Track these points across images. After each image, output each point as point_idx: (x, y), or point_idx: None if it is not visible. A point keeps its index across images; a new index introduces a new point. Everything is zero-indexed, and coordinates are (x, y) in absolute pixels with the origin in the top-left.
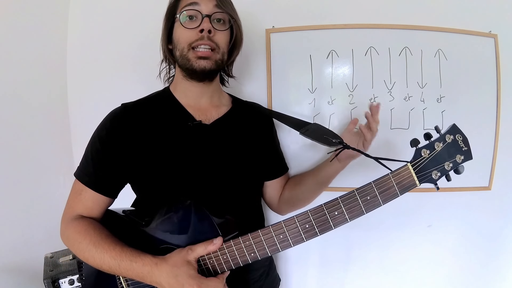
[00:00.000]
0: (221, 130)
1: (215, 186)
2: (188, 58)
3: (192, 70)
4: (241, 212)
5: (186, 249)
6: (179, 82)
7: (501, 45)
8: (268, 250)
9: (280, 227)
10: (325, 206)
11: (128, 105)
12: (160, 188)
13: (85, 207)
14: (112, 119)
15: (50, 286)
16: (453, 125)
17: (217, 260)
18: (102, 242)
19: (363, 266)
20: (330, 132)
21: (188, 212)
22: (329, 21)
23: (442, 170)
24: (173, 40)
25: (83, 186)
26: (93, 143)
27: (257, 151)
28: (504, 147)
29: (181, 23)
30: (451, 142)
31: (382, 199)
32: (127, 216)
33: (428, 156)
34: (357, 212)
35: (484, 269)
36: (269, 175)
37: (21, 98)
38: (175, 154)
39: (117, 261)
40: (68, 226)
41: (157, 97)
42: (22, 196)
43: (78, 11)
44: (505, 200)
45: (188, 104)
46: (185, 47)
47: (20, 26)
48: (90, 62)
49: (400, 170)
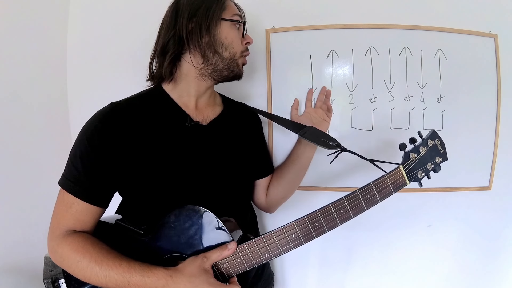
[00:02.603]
0: (217, 131)
1: (213, 187)
2: (238, 63)
3: (236, 75)
4: (237, 212)
5: (201, 257)
6: (184, 80)
7: (501, 45)
8: (281, 250)
9: (292, 227)
10: (332, 205)
11: (118, 104)
12: (156, 192)
13: (77, 221)
14: (103, 119)
15: (50, 286)
16: (433, 131)
17: (231, 264)
18: (104, 258)
19: (363, 266)
20: (327, 135)
21: (194, 218)
22: (329, 21)
23: (425, 170)
24: (220, 38)
25: (73, 197)
26: (82, 147)
27: (250, 151)
28: (504, 147)
29: (241, 30)
30: (432, 146)
31: (380, 196)
32: (121, 225)
33: (415, 158)
34: (359, 209)
35: (484, 269)
36: (260, 174)
37: (21, 98)
38: (173, 155)
39: (125, 278)
40: (61, 244)
41: (149, 96)
42: (22, 196)
43: (78, 11)
44: (505, 200)
45: (185, 103)
46: (238, 52)
47: (20, 26)
48: (90, 62)
49: (394, 171)
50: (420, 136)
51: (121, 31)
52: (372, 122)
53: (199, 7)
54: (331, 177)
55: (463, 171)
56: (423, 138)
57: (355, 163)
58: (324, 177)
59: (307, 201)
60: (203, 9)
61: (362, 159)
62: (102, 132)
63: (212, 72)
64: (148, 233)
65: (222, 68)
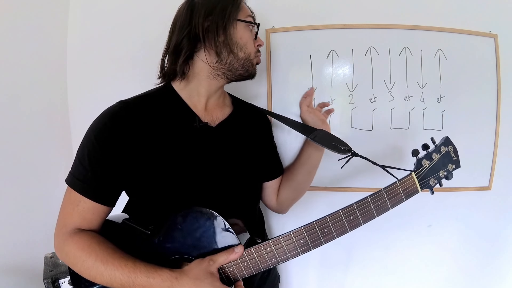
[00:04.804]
0: (226, 132)
1: (220, 189)
2: (253, 63)
3: (251, 74)
4: (245, 214)
5: (207, 260)
6: (196, 79)
7: (501, 45)
8: (289, 255)
9: (301, 232)
10: (342, 211)
11: (127, 102)
12: (163, 192)
13: (84, 219)
14: (112, 117)
15: (50, 286)
16: (446, 137)
17: (237, 267)
18: (110, 258)
19: (363, 266)
20: (338, 139)
21: (201, 220)
22: (329, 21)
23: (437, 177)
24: (235, 38)
25: (80, 196)
26: (90, 146)
27: (259, 153)
28: (504, 147)
29: (254, 32)
30: (445, 153)
31: (391, 204)
32: (128, 225)
33: (428, 166)
34: (369, 216)
35: (484, 269)
36: (270, 176)
37: (21, 98)
38: (180, 156)
39: (131, 278)
40: (67, 242)
41: (158, 94)
42: (22, 196)
43: (78, 11)
44: (505, 200)
45: (194, 104)
46: (252, 52)
47: (20, 26)
48: (90, 62)
49: (406, 178)
50: (433, 142)
51: (121, 31)
52: (372, 122)
53: (215, 6)
54: (338, 177)
55: (463, 171)
56: (436, 144)
57: (361, 165)
58: (329, 178)
59: (312, 202)
60: (220, 9)
61: (374, 165)
62: (110, 130)
63: (226, 71)
64: (155, 233)
65: (237, 67)
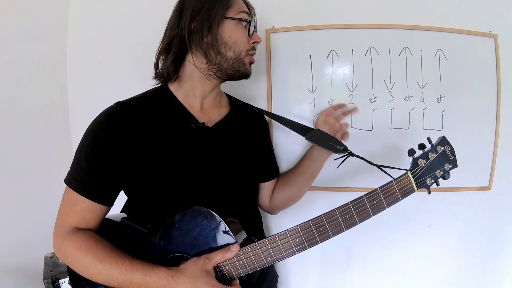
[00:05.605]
0: (222, 133)
1: (217, 189)
2: (244, 62)
3: (243, 74)
4: (242, 214)
5: (203, 258)
6: (190, 81)
7: (501, 45)
8: (285, 254)
9: (297, 231)
10: (337, 210)
11: (124, 103)
12: (160, 192)
13: (82, 219)
14: (108, 118)
15: (50, 286)
16: (443, 137)
17: (233, 266)
18: (107, 257)
19: (363, 267)
20: (334, 139)
21: (198, 219)
22: (329, 21)
23: (434, 177)
24: (223, 38)
25: (78, 195)
26: (87, 146)
27: (256, 154)
28: (504, 147)
29: (246, 27)
30: (441, 152)
31: (387, 203)
32: (126, 224)
33: (424, 165)
34: (365, 215)
35: (484, 269)
36: (265, 177)
37: (21, 98)
38: (177, 157)
39: (127, 277)
40: (65, 241)
41: (155, 96)
42: (22, 196)
43: (78, 11)
44: (505, 200)
45: (190, 104)
46: (243, 51)
47: (20, 26)
48: (90, 62)
49: (402, 177)
50: (429, 142)
51: (121, 31)
52: (372, 122)
53: (203, 6)
54: (335, 177)
55: (463, 171)
56: (433, 144)
57: (359, 164)
58: (328, 178)
59: (311, 202)
60: (206, 8)
61: (370, 164)
62: (107, 131)
63: (217, 71)
64: (153, 232)
65: (226, 67)
